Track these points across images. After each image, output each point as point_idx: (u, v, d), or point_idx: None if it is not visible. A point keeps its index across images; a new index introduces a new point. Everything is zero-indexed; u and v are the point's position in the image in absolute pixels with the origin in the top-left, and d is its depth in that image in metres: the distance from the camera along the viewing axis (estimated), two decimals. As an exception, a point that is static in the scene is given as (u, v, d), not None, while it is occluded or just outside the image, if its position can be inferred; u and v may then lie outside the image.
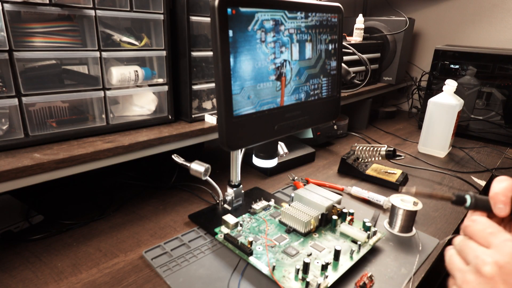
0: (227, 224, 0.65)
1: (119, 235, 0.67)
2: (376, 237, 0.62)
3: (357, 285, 0.54)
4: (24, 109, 0.60)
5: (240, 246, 0.59)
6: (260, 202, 0.73)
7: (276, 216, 0.70)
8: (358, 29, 1.30)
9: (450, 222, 0.74)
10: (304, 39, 0.59)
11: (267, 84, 0.55)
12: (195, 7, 0.73)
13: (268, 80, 0.55)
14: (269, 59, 0.54)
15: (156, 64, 0.77)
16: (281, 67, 0.56)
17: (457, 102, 1.05)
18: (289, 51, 0.57)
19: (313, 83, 0.63)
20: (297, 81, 0.60)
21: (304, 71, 0.61)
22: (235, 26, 0.48)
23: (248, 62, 0.51)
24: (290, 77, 0.58)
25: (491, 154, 1.15)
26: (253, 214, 0.70)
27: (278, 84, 0.57)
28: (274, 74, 0.55)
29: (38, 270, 0.57)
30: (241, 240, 0.61)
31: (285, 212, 0.66)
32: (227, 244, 0.61)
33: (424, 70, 1.60)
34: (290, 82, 0.59)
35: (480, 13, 1.45)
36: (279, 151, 0.71)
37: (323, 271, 0.54)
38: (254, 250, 0.59)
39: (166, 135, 0.72)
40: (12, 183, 0.54)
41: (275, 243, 0.61)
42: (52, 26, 0.61)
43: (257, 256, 0.58)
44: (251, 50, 0.51)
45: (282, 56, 0.56)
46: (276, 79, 0.56)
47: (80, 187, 0.85)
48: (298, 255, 0.58)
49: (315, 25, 0.60)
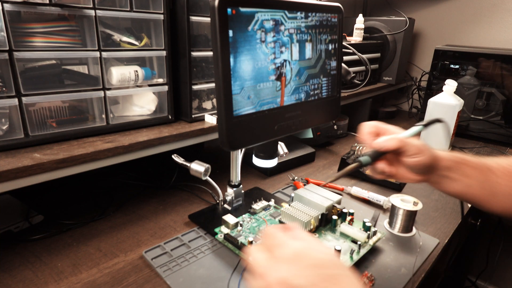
0: (227, 224, 0.65)
1: (119, 235, 0.67)
2: (376, 237, 0.62)
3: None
4: (24, 109, 0.60)
5: (240, 246, 0.59)
6: (260, 202, 0.73)
7: (276, 216, 0.70)
8: (358, 29, 1.30)
9: (450, 222, 0.74)
10: (304, 39, 0.59)
11: (267, 84, 0.55)
12: (195, 7, 0.73)
13: (268, 80, 0.55)
14: (269, 59, 0.54)
15: (156, 64, 0.77)
16: (281, 67, 0.56)
17: (457, 102, 1.05)
18: (289, 51, 0.57)
19: (313, 83, 0.63)
20: (297, 81, 0.60)
21: (304, 71, 0.61)
22: (235, 26, 0.48)
23: (248, 62, 0.51)
24: (290, 77, 0.58)
25: (491, 154, 1.15)
26: (253, 214, 0.70)
27: (278, 84, 0.57)
28: (274, 74, 0.55)
29: (38, 270, 0.57)
30: (241, 240, 0.61)
31: (285, 212, 0.66)
32: (227, 244, 0.61)
33: (424, 70, 1.60)
34: (290, 82, 0.59)
35: (480, 13, 1.45)
36: (279, 151, 0.71)
37: None
38: None
39: (166, 135, 0.72)
40: (12, 183, 0.54)
41: None
42: (52, 26, 0.61)
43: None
44: (251, 50, 0.51)
45: (282, 56, 0.56)
46: (276, 79, 0.56)
47: (80, 187, 0.85)
48: None
49: (315, 25, 0.60)
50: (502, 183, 0.51)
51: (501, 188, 0.51)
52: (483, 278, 1.52)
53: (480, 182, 0.52)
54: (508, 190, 0.51)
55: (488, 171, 0.52)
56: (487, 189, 0.52)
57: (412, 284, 0.56)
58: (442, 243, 0.67)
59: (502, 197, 0.52)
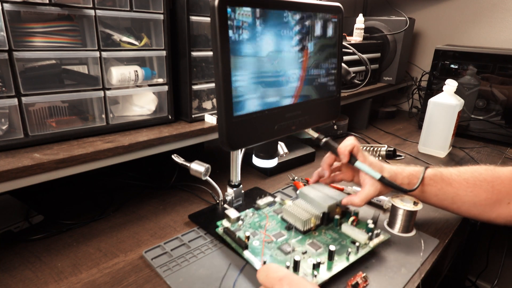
0: (228, 218, 0.65)
1: (119, 235, 0.67)
2: (378, 239, 0.61)
3: (349, 284, 0.54)
4: (24, 109, 0.60)
5: (236, 240, 0.59)
6: (265, 198, 0.73)
7: (279, 212, 0.69)
8: (358, 29, 1.30)
9: (450, 222, 0.74)
10: (304, 39, 0.59)
11: (267, 84, 0.55)
12: (195, 7, 0.73)
13: (268, 79, 0.54)
14: (269, 59, 0.54)
15: (156, 64, 0.77)
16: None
17: (457, 102, 1.05)
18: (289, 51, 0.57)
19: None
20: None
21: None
22: (235, 26, 0.48)
23: (248, 62, 0.50)
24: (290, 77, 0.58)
25: (491, 154, 1.15)
26: (257, 210, 0.71)
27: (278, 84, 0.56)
28: (274, 73, 0.55)
29: (38, 270, 0.57)
30: (239, 234, 0.61)
31: (286, 209, 0.66)
32: (225, 237, 0.61)
33: (424, 70, 1.59)
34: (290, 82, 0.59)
35: (480, 13, 1.45)
36: (279, 151, 0.71)
37: (314, 270, 0.53)
38: (251, 244, 0.59)
39: (166, 135, 0.72)
40: (12, 183, 0.54)
41: (272, 239, 0.61)
42: (52, 26, 0.61)
43: (252, 251, 0.57)
44: (251, 50, 0.50)
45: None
46: (277, 79, 0.56)
47: (80, 187, 0.85)
48: (292, 253, 0.58)
49: (315, 25, 0.60)
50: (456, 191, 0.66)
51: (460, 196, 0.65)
52: (483, 278, 1.52)
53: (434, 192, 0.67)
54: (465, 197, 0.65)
55: (441, 181, 0.67)
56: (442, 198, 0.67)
57: (412, 284, 0.56)
58: (442, 243, 0.67)
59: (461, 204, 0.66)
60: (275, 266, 0.45)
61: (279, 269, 0.45)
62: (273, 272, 0.44)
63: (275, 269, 0.45)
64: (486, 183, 0.64)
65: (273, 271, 0.44)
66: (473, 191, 0.64)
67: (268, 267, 0.45)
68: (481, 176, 0.65)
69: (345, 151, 0.64)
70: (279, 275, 0.43)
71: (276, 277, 0.43)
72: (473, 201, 0.65)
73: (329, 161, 0.70)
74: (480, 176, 0.65)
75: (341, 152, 0.65)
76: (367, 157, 0.66)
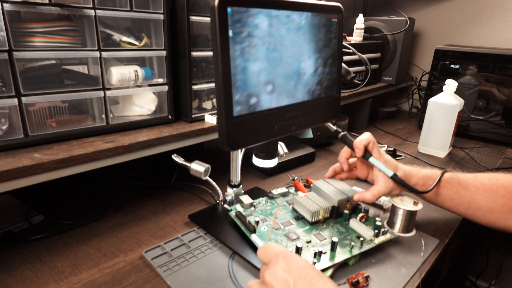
0: (242, 203, 0.68)
1: (119, 235, 0.67)
2: (384, 237, 0.62)
3: (349, 281, 0.54)
4: (24, 109, 0.60)
5: (246, 224, 0.61)
6: (280, 188, 0.76)
7: (291, 203, 0.71)
8: (358, 29, 1.30)
9: (450, 222, 0.74)
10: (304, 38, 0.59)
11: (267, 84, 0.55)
12: (195, 7, 0.73)
13: (268, 79, 0.54)
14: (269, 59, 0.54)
15: (156, 64, 0.77)
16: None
17: (457, 102, 1.05)
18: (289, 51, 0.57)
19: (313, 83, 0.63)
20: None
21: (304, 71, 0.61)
22: (235, 25, 0.48)
23: (247, 62, 0.50)
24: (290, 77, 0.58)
25: (492, 154, 1.15)
26: (271, 199, 0.73)
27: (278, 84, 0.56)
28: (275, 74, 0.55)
29: (38, 270, 0.57)
30: (249, 219, 0.64)
31: (297, 200, 0.67)
32: (236, 220, 0.64)
33: (424, 70, 1.59)
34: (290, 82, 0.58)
35: (480, 13, 1.44)
36: (279, 151, 0.71)
37: (315, 258, 0.55)
38: (259, 229, 0.61)
39: (166, 135, 0.72)
40: (12, 183, 0.54)
41: (280, 226, 0.63)
42: (52, 26, 0.61)
43: (259, 235, 0.60)
44: (251, 49, 0.50)
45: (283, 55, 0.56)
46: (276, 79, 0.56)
47: (80, 187, 0.85)
48: (297, 240, 0.60)
49: (315, 25, 0.60)
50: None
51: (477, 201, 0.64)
52: (483, 278, 1.52)
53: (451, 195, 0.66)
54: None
55: (458, 185, 0.66)
56: (458, 201, 0.66)
57: (412, 284, 0.56)
58: (442, 243, 0.67)
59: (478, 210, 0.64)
60: (273, 244, 0.49)
61: (277, 246, 0.48)
62: (271, 249, 0.47)
63: (273, 246, 0.48)
64: (503, 188, 0.62)
65: (271, 248, 0.47)
66: (490, 196, 0.63)
67: (267, 245, 0.48)
68: (498, 181, 0.63)
69: (360, 145, 0.65)
70: (276, 250, 0.46)
71: (273, 252, 0.46)
72: (490, 207, 0.63)
73: (346, 155, 0.71)
74: (497, 181, 0.63)
75: (356, 146, 0.65)
76: (382, 154, 0.66)
